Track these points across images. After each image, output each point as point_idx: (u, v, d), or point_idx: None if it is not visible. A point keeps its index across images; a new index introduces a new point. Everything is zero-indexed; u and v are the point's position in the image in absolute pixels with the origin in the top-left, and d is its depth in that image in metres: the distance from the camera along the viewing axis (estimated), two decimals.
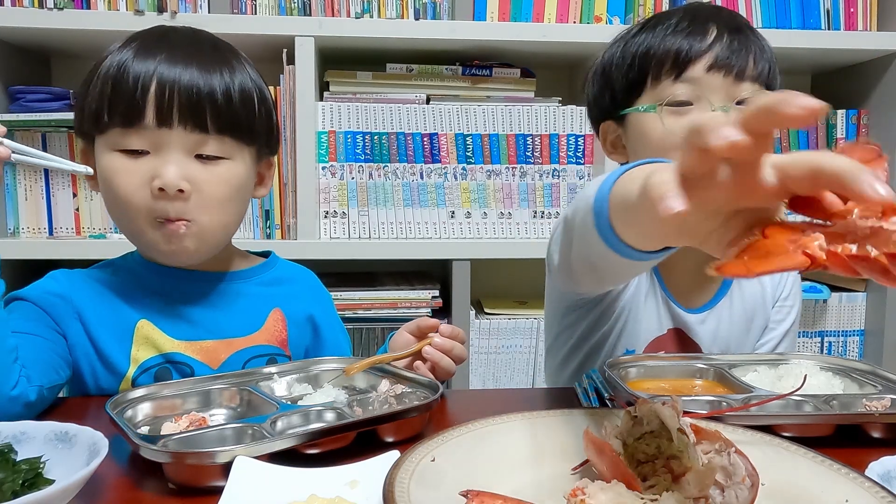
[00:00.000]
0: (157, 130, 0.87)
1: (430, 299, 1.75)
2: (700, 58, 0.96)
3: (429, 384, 0.84)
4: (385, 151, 1.72)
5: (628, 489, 0.54)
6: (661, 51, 0.98)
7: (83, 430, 0.66)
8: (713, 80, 0.96)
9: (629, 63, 1.01)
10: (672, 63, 0.97)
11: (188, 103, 0.87)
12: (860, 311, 1.90)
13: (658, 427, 0.60)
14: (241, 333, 0.99)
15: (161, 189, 0.86)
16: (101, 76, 0.89)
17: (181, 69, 0.87)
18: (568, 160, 1.76)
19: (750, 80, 0.97)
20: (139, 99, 0.86)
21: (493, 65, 1.79)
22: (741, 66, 0.96)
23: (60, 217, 1.68)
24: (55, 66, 1.89)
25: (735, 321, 1.11)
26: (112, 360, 0.93)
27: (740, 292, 1.12)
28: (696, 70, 0.96)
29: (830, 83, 2.05)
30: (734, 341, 1.11)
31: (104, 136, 0.89)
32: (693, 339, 1.10)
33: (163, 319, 0.96)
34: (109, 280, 0.97)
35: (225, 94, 0.89)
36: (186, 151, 0.88)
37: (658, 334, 1.09)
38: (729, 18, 1.01)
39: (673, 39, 0.97)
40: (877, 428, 0.76)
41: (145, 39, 0.92)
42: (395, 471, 0.59)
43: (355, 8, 1.69)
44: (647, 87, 1.00)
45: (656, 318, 1.08)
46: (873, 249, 0.42)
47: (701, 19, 0.99)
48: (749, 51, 0.97)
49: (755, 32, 1.02)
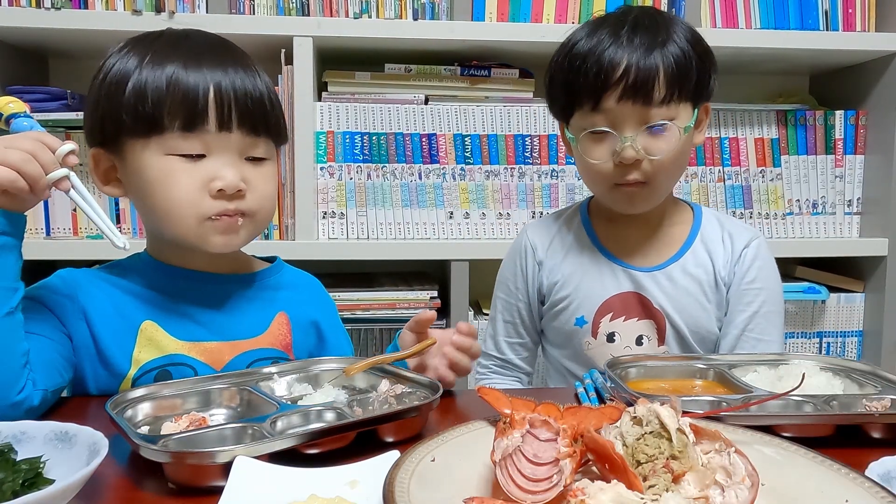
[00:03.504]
0: (218, 135, 0.91)
1: (429, 300, 1.75)
2: (612, 89, 1.07)
3: (429, 384, 0.84)
4: (383, 152, 1.72)
5: (628, 489, 0.54)
6: (578, 84, 1.10)
7: (83, 430, 0.66)
8: (624, 109, 1.08)
9: (562, 84, 1.14)
10: (589, 94, 1.09)
11: (244, 109, 0.92)
12: (858, 312, 1.90)
13: (658, 427, 0.60)
14: (246, 336, 1.00)
15: (220, 190, 0.90)
16: (138, 83, 0.89)
17: (233, 75, 0.92)
18: (567, 161, 1.76)
19: (657, 104, 1.07)
20: (202, 105, 0.89)
21: (491, 65, 1.79)
22: (647, 92, 1.07)
23: (58, 217, 1.68)
24: (53, 66, 1.89)
25: (689, 283, 1.19)
26: (113, 360, 0.93)
27: (694, 259, 1.20)
28: (609, 101, 1.08)
29: (828, 84, 2.06)
30: (687, 300, 1.19)
31: (157, 141, 0.89)
32: (645, 296, 1.19)
33: (168, 320, 0.96)
34: (116, 281, 0.98)
35: (269, 98, 0.96)
36: (239, 154, 0.93)
37: (605, 297, 1.20)
38: (643, 29, 1.09)
39: (592, 67, 1.08)
40: (877, 428, 0.77)
41: (159, 44, 0.93)
42: (395, 471, 0.59)
43: (354, 8, 1.69)
44: (575, 110, 1.14)
45: (600, 285, 1.20)
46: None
47: (619, 38, 1.08)
48: (657, 73, 1.07)
49: (668, 37, 1.09)
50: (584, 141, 1.12)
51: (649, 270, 1.19)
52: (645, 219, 1.20)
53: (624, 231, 1.22)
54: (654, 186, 1.12)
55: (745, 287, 1.19)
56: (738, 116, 1.84)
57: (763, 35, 1.78)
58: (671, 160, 1.10)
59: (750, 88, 2.02)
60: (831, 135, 1.86)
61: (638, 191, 1.12)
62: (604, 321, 1.19)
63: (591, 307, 1.20)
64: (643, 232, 1.22)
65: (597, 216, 1.26)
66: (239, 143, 0.92)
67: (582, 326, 1.21)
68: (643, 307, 1.19)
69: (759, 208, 1.84)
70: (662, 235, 1.22)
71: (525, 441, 0.58)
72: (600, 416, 0.65)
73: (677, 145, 1.09)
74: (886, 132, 1.81)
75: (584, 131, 1.12)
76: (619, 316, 1.19)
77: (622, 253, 1.21)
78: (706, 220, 1.23)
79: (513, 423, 0.62)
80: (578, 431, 0.60)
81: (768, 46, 1.76)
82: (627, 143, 1.07)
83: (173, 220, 0.92)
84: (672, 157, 1.10)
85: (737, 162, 1.83)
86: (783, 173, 1.85)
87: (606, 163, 1.10)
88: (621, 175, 1.10)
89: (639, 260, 1.21)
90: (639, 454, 0.59)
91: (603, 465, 0.59)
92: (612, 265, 1.20)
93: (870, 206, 1.86)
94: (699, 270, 1.19)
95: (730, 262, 1.20)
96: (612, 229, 1.23)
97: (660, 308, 1.18)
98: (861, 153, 1.87)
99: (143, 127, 0.89)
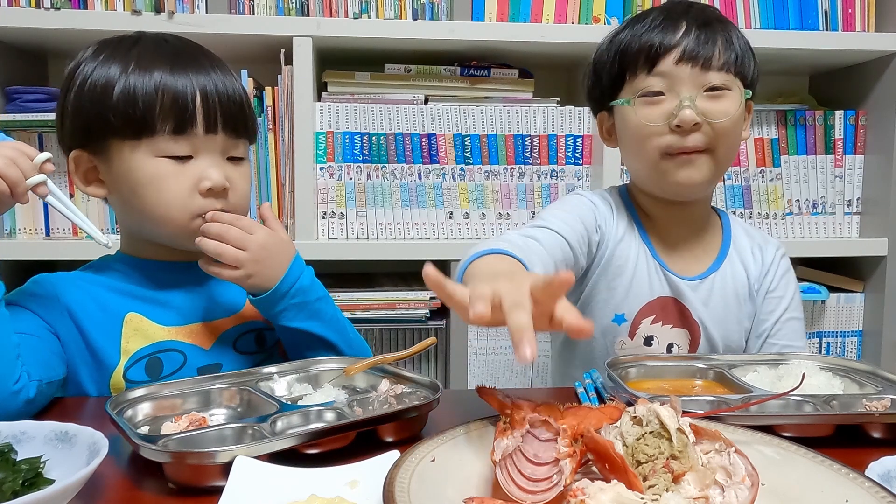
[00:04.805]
0: (205, 137, 0.95)
1: (429, 300, 1.75)
2: (669, 52, 1.05)
3: (429, 384, 0.84)
4: (383, 152, 1.72)
5: (628, 489, 0.54)
6: (635, 47, 1.07)
7: (83, 430, 0.66)
8: (682, 71, 1.04)
9: (612, 59, 1.12)
10: (645, 58, 1.06)
11: (228, 111, 0.97)
12: (858, 312, 1.90)
13: (658, 427, 0.60)
14: (227, 313, 1.05)
15: (209, 189, 0.94)
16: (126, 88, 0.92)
17: (215, 79, 0.96)
18: (566, 161, 1.76)
19: (716, 69, 1.05)
20: (191, 110, 0.93)
21: (491, 65, 1.79)
22: (707, 56, 1.04)
23: (57, 218, 1.67)
24: (52, 66, 1.89)
25: (727, 294, 1.16)
26: (102, 353, 0.95)
27: (731, 270, 1.17)
28: (667, 63, 1.05)
29: (828, 84, 2.06)
30: (724, 313, 1.16)
31: (147, 143, 0.93)
32: (685, 305, 1.15)
33: (151, 309, 0.99)
34: (94, 278, 1.01)
35: (246, 101, 1.01)
36: (222, 154, 0.97)
37: (650, 299, 1.15)
38: (699, 13, 1.09)
39: (647, 36, 1.07)
40: (877, 428, 0.77)
41: (141, 48, 0.96)
42: (395, 471, 0.59)
43: (353, 8, 1.68)
44: (626, 81, 1.10)
45: (647, 284, 1.15)
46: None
47: (673, 16, 1.08)
48: (715, 42, 1.05)
49: (726, 25, 1.10)
50: (637, 105, 1.07)
51: (690, 280, 1.15)
52: (687, 222, 1.17)
53: (669, 233, 1.17)
54: (715, 157, 1.06)
55: (769, 296, 1.18)
56: None
57: (763, 35, 1.78)
58: (730, 128, 1.05)
59: None
60: (831, 135, 1.86)
61: (696, 157, 1.06)
62: (644, 322, 1.15)
63: (635, 306, 1.14)
64: (686, 237, 1.17)
65: (642, 215, 1.19)
66: (223, 144, 0.97)
67: (620, 324, 1.15)
68: (681, 316, 1.15)
69: (759, 208, 1.84)
70: (702, 242, 1.18)
71: (525, 441, 0.58)
72: (600, 416, 0.65)
73: (738, 113, 1.05)
74: (886, 132, 1.81)
75: (637, 95, 1.07)
76: (658, 320, 1.15)
77: (665, 255, 1.16)
78: (734, 228, 1.21)
79: (513, 423, 0.62)
80: (578, 431, 0.60)
81: (768, 46, 1.75)
82: (687, 103, 1.03)
83: (165, 219, 0.95)
84: (731, 124, 1.05)
85: (736, 162, 1.83)
86: (783, 173, 1.85)
87: (662, 128, 1.05)
88: (679, 141, 1.04)
89: (680, 266, 1.16)
90: (639, 454, 0.59)
91: (603, 465, 0.59)
92: (657, 266, 1.15)
93: (869, 206, 1.86)
94: (736, 282, 1.16)
95: (760, 274, 1.18)
96: (656, 230, 1.17)
97: (698, 319, 1.15)
98: (861, 153, 1.87)
99: (133, 130, 0.93)
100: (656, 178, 1.11)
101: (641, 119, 1.06)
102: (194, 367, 0.98)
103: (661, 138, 1.06)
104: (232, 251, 0.94)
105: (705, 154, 1.06)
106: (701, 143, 1.05)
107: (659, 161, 1.07)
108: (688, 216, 1.17)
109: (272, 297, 0.96)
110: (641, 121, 1.06)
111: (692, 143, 1.05)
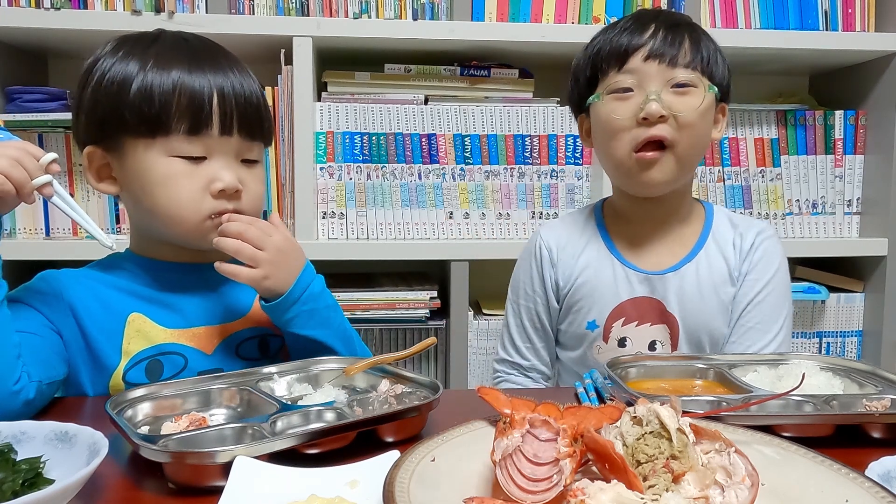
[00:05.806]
0: (219, 139, 0.94)
1: (429, 300, 1.75)
2: (637, 50, 1.11)
3: (429, 384, 0.84)
4: (383, 152, 1.72)
5: (628, 489, 0.54)
6: (607, 49, 1.14)
7: (83, 430, 0.66)
8: (649, 67, 1.10)
9: (586, 62, 1.18)
10: (615, 57, 1.12)
11: (244, 114, 0.96)
12: (858, 312, 1.90)
13: (658, 427, 0.60)
14: (232, 318, 1.03)
15: (221, 190, 0.94)
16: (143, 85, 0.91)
17: (232, 79, 0.96)
18: (566, 161, 1.76)
19: (682, 66, 1.10)
20: (207, 110, 0.93)
21: (491, 65, 1.79)
22: (673, 55, 1.10)
23: (58, 218, 1.68)
24: (52, 66, 1.89)
25: (702, 284, 1.17)
26: (102, 354, 0.94)
27: (707, 260, 1.19)
28: (635, 61, 1.11)
29: (828, 84, 2.06)
30: (701, 303, 1.17)
31: (161, 143, 0.92)
32: (659, 300, 1.18)
33: (155, 311, 0.98)
34: (99, 276, 1.00)
35: (263, 103, 1.01)
36: (236, 156, 0.97)
37: (618, 302, 1.19)
38: (668, 17, 1.15)
39: (617, 39, 1.13)
40: (877, 428, 0.77)
41: (160, 46, 0.95)
42: (395, 471, 0.59)
43: (353, 8, 1.69)
44: (599, 80, 1.16)
45: (613, 288, 1.19)
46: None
47: (643, 20, 1.14)
48: (682, 42, 1.11)
49: (694, 28, 1.15)
50: (607, 101, 1.13)
51: (663, 273, 1.18)
52: (660, 217, 1.20)
53: (639, 230, 1.21)
54: (678, 154, 1.11)
55: (747, 279, 1.18)
56: (737, 116, 1.84)
57: (763, 35, 1.78)
58: (695, 122, 1.10)
59: (750, 88, 2.02)
60: (831, 135, 1.86)
61: (659, 156, 1.10)
62: (616, 326, 1.18)
63: (604, 311, 1.19)
64: (657, 231, 1.21)
65: (611, 218, 1.25)
66: (237, 146, 0.96)
67: (593, 330, 1.20)
68: (657, 311, 1.17)
69: (759, 208, 1.84)
70: (676, 235, 1.21)
71: (525, 441, 0.58)
72: (600, 416, 0.65)
73: (702, 109, 1.10)
74: (886, 132, 1.81)
75: (607, 92, 1.13)
76: (631, 321, 1.18)
77: (636, 256, 1.20)
78: (718, 218, 1.22)
79: (513, 423, 0.62)
80: (578, 431, 0.60)
81: (768, 46, 1.76)
82: (653, 97, 1.08)
83: (176, 219, 0.94)
84: (696, 119, 1.10)
85: (736, 162, 1.83)
86: (783, 173, 1.85)
87: (630, 122, 1.10)
88: (645, 133, 1.09)
89: (653, 262, 1.19)
90: (639, 454, 0.59)
91: (603, 465, 0.59)
92: (626, 269, 1.19)
93: (869, 206, 1.86)
94: (713, 271, 1.18)
95: (739, 260, 1.19)
96: (626, 229, 1.23)
97: (673, 311, 1.17)
98: (861, 153, 1.87)
99: (148, 128, 0.92)
100: (624, 176, 1.17)
101: (611, 113, 1.12)
102: (195, 372, 0.97)
103: (629, 133, 1.11)
104: (251, 249, 0.93)
105: (668, 152, 1.10)
106: (666, 134, 1.09)
107: (626, 159, 1.13)
108: (662, 210, 1.20)
109: (285, 301, 0.95)
110: (611, 115, 1.12)
111: (657, 133, 1.09)
